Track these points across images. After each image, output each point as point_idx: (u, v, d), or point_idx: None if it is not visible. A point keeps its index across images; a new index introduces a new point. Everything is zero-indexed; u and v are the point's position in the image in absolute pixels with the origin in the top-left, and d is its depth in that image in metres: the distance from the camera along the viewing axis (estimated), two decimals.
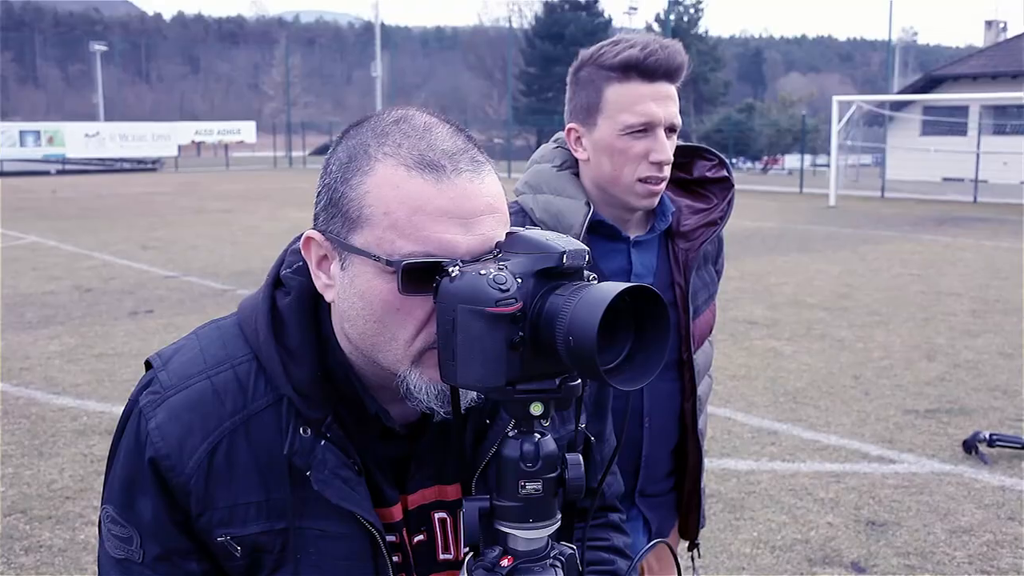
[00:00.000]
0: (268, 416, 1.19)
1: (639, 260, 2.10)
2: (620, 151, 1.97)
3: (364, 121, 1.19)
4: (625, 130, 1.96)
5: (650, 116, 1.95)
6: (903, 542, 4.62)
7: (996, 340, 8.90)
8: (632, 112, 1.95)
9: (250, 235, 17.45)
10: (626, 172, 1.99)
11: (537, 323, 1.02)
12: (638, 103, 1.95)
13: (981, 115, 34.58)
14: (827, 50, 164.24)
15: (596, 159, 2.02)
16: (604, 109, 1.98)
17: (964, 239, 17.69)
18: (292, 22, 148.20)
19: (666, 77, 1.97)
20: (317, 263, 1.19)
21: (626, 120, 1.95)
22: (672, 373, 2.15)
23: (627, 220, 2.09)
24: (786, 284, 12.13)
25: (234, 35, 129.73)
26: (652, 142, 1.96)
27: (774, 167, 50.84)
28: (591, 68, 1.99)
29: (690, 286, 2.11)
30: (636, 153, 1.97)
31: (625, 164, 1.98)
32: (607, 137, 1.98)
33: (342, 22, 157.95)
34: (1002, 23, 49.09)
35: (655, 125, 1.96)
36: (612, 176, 2.01)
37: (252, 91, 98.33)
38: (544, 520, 1.08)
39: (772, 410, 6.70)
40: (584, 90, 2.01)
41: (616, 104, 1.96)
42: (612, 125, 1.97)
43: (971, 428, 6.16)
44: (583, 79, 2.01)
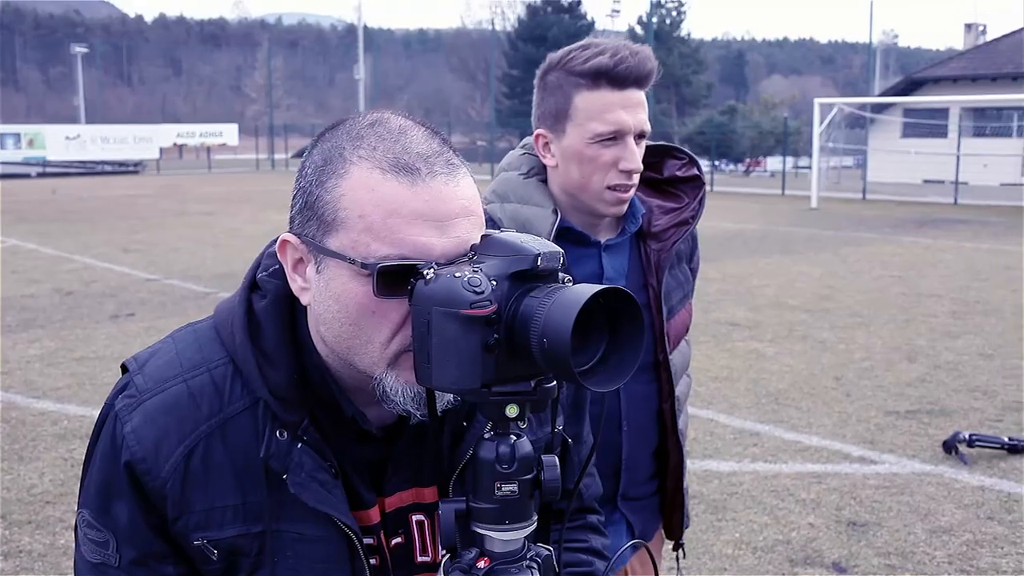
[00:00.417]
0: (244, 419, 1.19)
1: (610, 264, 2.09)
2: (589, 159, 1.96)
3: (339, 124, 1.20)
4: (595, 138, 1.94)
5: (620, 124, 1.94)
6: (884, 542, 4.64)
7: (976, 341, 8.96)
8: (602, 120, 1.93)
9: (232, 238, 17.41)
10: (595, 180, 1.98)
11: (512, 325, 1.03)
12: (608, 111, 1.93)
13: (961, 117, 34.79)
14: (809, 53, 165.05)
15: (565, 166, 2.01)
16: (573, 116, 1.96)
17: (944, 241, 17.80)
18: (274, 24, 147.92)
19: (636, 84, 1.95)
20: (293, 266, 1.19)
21: (596, 128, 1.94)
22: (649, 375, 2.14)
23: (596, 225, 2.08)
24: (768, 286, 12.18)
25: (216, 37, 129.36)
26: (622, 150, 1.95)
27: (756, 169, 51.01)
28: (560, 73, 1.97)
29: (663, 287, 2.10)
30: (605, 161, 1.96)
31: (594, 172, 1.97)
32: (576, 145, 1.97)
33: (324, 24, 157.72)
34: (981, 26, 49.49)
35: (625, 133, 1.95)
36: (581, 183, 1.99)
37: (234, 93, 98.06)
38: (520, 521, 1.09)
39: (754, 411, 6.72)
40: (553, 96, 1.99)
41: (586, 112, 1.95)
42: (581, 133, 1.95)
43: (951, 429, 6.20)
44: (551, 84, 1.99)
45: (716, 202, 26.91)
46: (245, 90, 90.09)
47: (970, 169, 30.63)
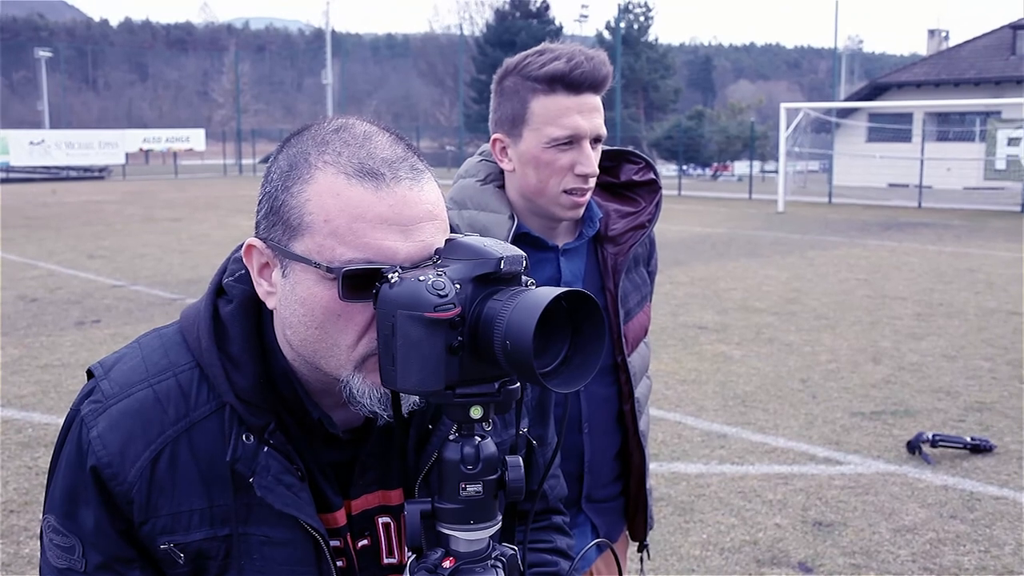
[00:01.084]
0: (211, 424, 1.20)
1: (568, 268, 2.11)
2: (546, 164, 1.98)
3: (305, 130, 1.21)
4: (551, 143, 1.96)
5: (576, 129, 1.95)
6: (849, 542, 4.70)
7: (940, 343, 9.07)
8: (558, 125, 1.95)
9: (199, 243, 17.30)
10: (551, 184, 1.99)
11: (475, 328, 1.04)
12: (564, 116, 1.95)
13: (925, 122, 35.15)
14: (775, 58, 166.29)
15: (522, 170, 2.02)
16: (530, 121, 1.98)
17: (909, 244, 18.00)
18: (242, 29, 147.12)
19: (591, 89, 1.97)
20: (258, 270, 1.20)
21: (552, 133, 1.96)
22: (608, 377, 2.16)
23: (554, 229, 2.10)
24: (735, 289, 12.26)
25: (183, 42, 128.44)
26: (578, 154, 1.97)
27: (724, 174, 51.31)
28: (516, 78, 1.99)
29: (620, 290, 2.12)
30: (562, 166, 1.97)
31: (551, 176, 1.99)
32: (532, 149, 1.98)
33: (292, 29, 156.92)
34: (944, 32, 50.05)
35: (581, 138, 1.96)
36: (537, 188, 2.01)
37: (201, 98, 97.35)
38: (485, 521, 1.10)
39: (722, 414, 6.77)
40: (509, 101, 2.00)
41: (542, 117, 1.96)
42: (538, 138, 1.97)
43: (915, 429, 6.28)
44: (508, 89, 2.01)
45: (684, 206, 27.06)
46: (212, 95, 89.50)
47: (934, 173, 30.98)
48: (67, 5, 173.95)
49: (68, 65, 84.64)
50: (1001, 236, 19.49)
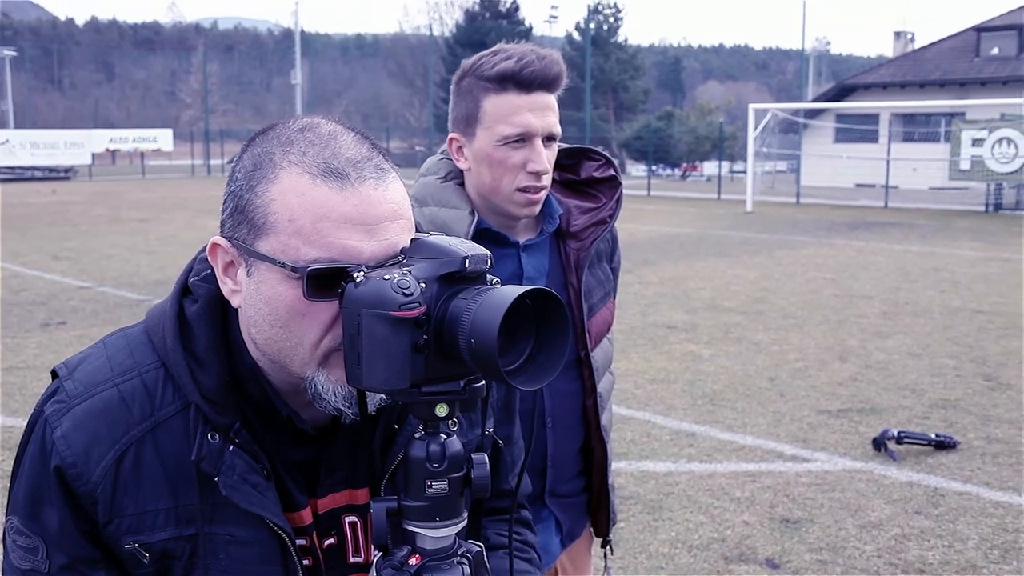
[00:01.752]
0: (176, 423, 1.20)
1: (530, 263, 2.13)
2: (498, 161, 2.00)
3: (270, 129, 1.21)
4: (502, 141, 1.98)
5: (526, 127, 1.98)
6: (816, 538, 4.74)
7: (906, 341, 9.17)
8: (509, 123, 1.97)
9: (167, 244, 17.18)
10: (505, 182, 2.01)
11: (441, 326, 1.05)
12: (514, 114, 1.97)
13: (891, 123, 35.55)
14: (744, 59, 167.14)
15: (476, 168, 2.05)
16: (482, 120, 2.00)
17: (876, 243, 18.17)
18: (210, 29, 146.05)
19: (543, 87, 1.99)
20: (223, 269, 1.20)
21: (503, 131, 1.98)
22: (572, 372, 2.18)
23: (514, 226, 2.12)
24: (704, 289, 12.33)
25: (150, 41, 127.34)
26: (530, 152, 1.99)
27: (693, 174, 51.56)
28: (471, 79, 2.02)
29: (583, 285, 2.14)
30: (514, 163, 1.99)
31: (504, 174, 2.01)
32: (485, 147, 2.01)
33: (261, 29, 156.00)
34: (910, 34, 50.55)
35: (532, 135, 1.98)
36: (492, 186, 2.03)
37: (169, 98, 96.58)
38: (451, 519, 1.11)
39: (690, 412, 6.81)
40: (464, 100, 2.03)
41: (493, 115, 1.99)
42: (490, 136, 1.99)
43: (881, 426, 6.34)
44: (463, 89, 2.03)
45: (653, 206, 27.18)
46: (180, 95, 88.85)
47: (900, 173, 31.31)
48: (32, 4, 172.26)
49: (33, 64, 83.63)
50: (966, 236, 19.72)
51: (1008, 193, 27.36)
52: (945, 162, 27.35)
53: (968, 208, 27.21)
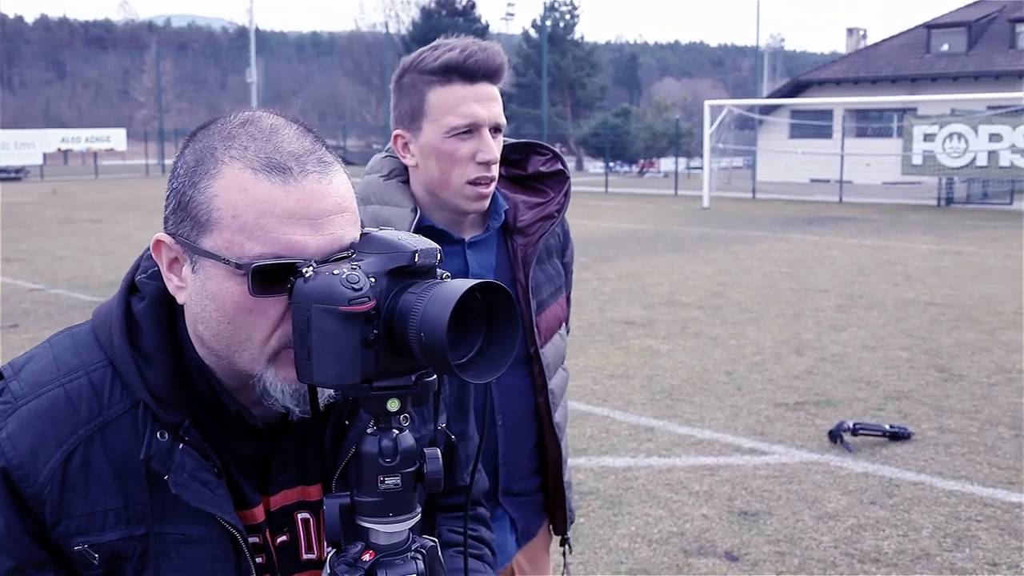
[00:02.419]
0: (125, 422, 1.18)
1: (475, 260, 2.11)
2: (447, 154, 1.99)
3: (211, 123, 1.20)
4: (450, 132, 1.97)
5: (474, 117, 1.97)
6: (773, 530, 4.79)
7: (860, 334, 9.28)
8: (456, 114, 1.97)
9: (121, 245, 16.97)
10: (455, 175, 2.00)
11: (391, 321, 1.05)
12: (461, 105, 1.97)
13: (844, 118, 35.86)
14: (699, 56, 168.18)
15: (424, 163, 2.03)
16: (428, 113, 1.99)
17: (831, 238, 18.37)
18: (163, 26, 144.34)
19: (487, 78, 1.99)
20: (168, 266, 1.19)
21: (451, 122, 1.97)
22: (522, 369, 2.17)
23: (460, 223, 2.10)
24: (662, 284, 12.40)
25: (102, 40, 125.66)
26: (478, 143, 1.98)
27: (650, 170, 51.78)
28: (413, 74, 2.01)
29: (531, 281, 2.13)
30: (463, 155, 1.99)
31: (453, 167, 2.00)
32: (433, 140, 1.99)
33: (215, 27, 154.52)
34: (862, 30, 51.16)
35: (479, 125, 1.98)
36: (441, 180, 2.02)
37: (122, 97, 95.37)
38: (404, 514, 1.11)
39: (649, 407, 6.85)
40: (407, 96, 2.02)
41: (439, 107, 1.98)
42: (437, 128, 1.98)
43: (837, 419, 6.42)
44: (406, 85, 2.02)
45: (611, 203, 27.28)
46: (133, 94, 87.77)
47: (854, 168, 31.67)
48: None
49: None
50: (918, 229, 20.00)
51: (959, 187, 27.77)
52: (898, 157, 27.70)
53: (920, 202, 27.59)
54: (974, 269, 13.79)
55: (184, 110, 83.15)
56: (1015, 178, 25.37)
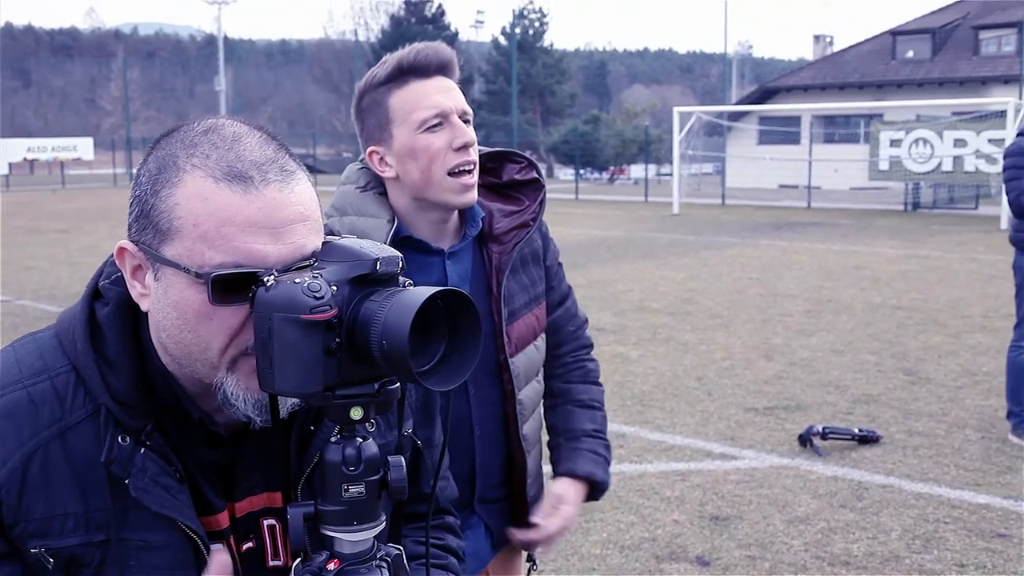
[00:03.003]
0: (86, 427, 1.18)
1: (454, 271, 2.11)
2: (423, 149, 1.98)
3: (175, 131, 1.20)
4: (420, 127, 1.97)
5: (439, 106, 1.97)
6: (744, 534, 4.81)
7: (829, 338, 9.35)
8: (421, 108, 1.97)
9: (88, 255, 16.81)
10: (435, 169, 1.99)
11: (353, 329, 1.05)
12: (423, 99, 1.97)
13: (812, 125, 36.24)
14: (668, 63, 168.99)
15: (403, 168, 2.02)
16: (394, 118, 1.99)
17: (799, 243, 18.50)
18: (130, 34, 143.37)
19: (440, 71, 2.00)
20: (131, 273, 1.19)
21: (419, 117, 1.97)
22: (495, 379, 2.17)
23: (441, 232, 2.10)
24: (632, 291, 12.44)
25: (68, 48, 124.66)
26: (451, 130, 1.99)
27: (620, 177, 51.97)
28: (370, 93, 2.01)
29: (504, 289, 2.13)
30: (439, 146, 1.98)
31: (432, 161, 1.99)
32: (406, 141, 1.99)
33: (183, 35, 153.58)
34: (829, 37, 51.65)
35: (447, 113, 1.98)
36: (423, 179, 2.01)
37: (89, 106, 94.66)
38: (369, 522, 1.11)
39: (620, 414, 6.86)
40: (370, 114, 2.02)
41: (403, 108, 1.98)
42: (407, 128, 1.98)
43: (806, 423, 6.45)
44: (366, 106, 2.03)
45: (581, 210, 27.35)
46: (100, 103, 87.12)
47: (822, 174, 31.95)
48: None
49: None
50: (886, 234, 20.19)
51: (925, 192, 28.06)
52: (865, 162, 27.94)
53: (887, 207, 27.86)
54: (940, 273, 13.94)
55: (152, 119, 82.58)
56: (980, 183, 25.68)
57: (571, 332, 2.37)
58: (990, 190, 26.57)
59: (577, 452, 2.27)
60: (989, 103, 26.77)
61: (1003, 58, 39.16)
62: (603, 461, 2.30)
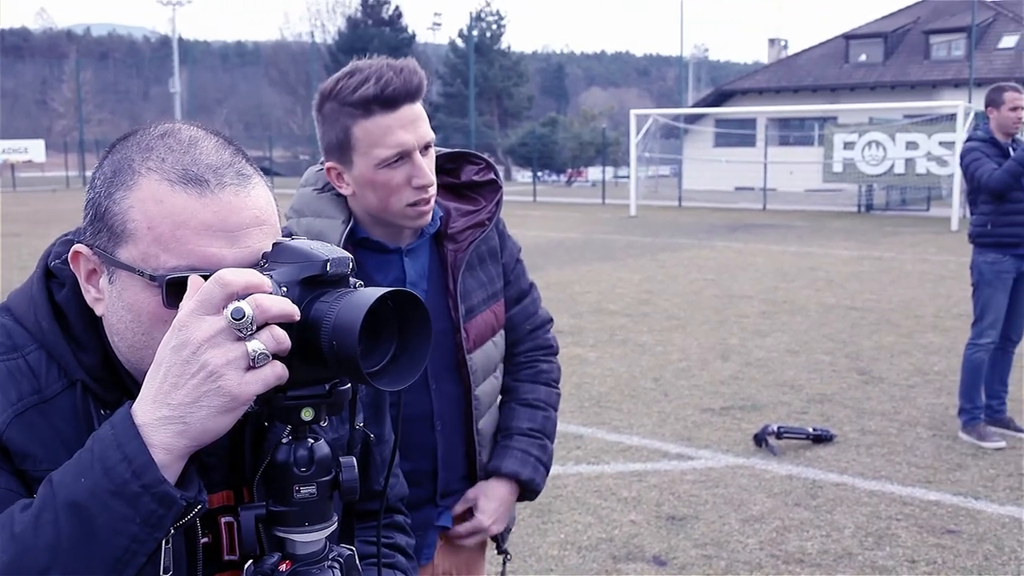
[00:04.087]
0: (63, 402, 1.18)
1: (412, 268, 2.13)
2: (382, 184, 1.98)
3: (131, 135, 1.20)
4: (381, 164, 1.96)
5: (402, 145, 1.96)
6: (701, 533, 4.84)
7: (784, 339, 9.45)
8: (383, 146, 1.95)
9: None
10: (393, 202, 2.00)
11: (303, 330, 1.05)
12: (387, 135, 1.95)
13: (767, 127, 36.54)
14: (625, 65, 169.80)
15: (361, 192, 2.03)
16: (356, 147, 1.98)
17: (755, 245, 18.67)
18: (82, 35, 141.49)
19: (408, 100, 1.97)
20: (86, 277, 1.19)
21: (380, 154, 1.96)
22: (454, 375, 2.19)
23: (398, 234, 2.12)
24: (589, 292, 12.49)
25: (19, 48, 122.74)
26: (411, 169, 1.98)
27: (578, 179, 52.15)
28: (333, 104, 1.98)
29: (460, 287, 2.15)
30: (398, 183, 1.98)
31: (390, 195, 2.00)
32: (366, 173, 1.98)
33: (137, 36, 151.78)
34: (783, 41, 52.18)
35: (409, 151, 1.97)
36: (380, 207, 2.02)
37: (40, 108, 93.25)
38: (320, 523, 1.11)
39: (578, 415, 6.88)
40: (331, 127, 2.00)
41: (366, 140, 1.96)
42: (367, 161, 1.97)
43: (761, 422, 6.51)
44: (327, 115, 2.00)
45: (539, 212, 27.40)
46: (52, 104, 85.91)
47: (777, 176, 32.27)
48: None
49: None
50: (840, 235, 20.43)
51: (879, 194, 28.46)
52: (819, 165, 28.27)
53: (842, 209, 28.21)
54: (893, 274, 14.13)
55: (105, 120, 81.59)
56: (931, 185, 26.08)
57: (528, 331, 2.39)
58: (941, 192, 26.97)
59: (507, 450, 2.29)
60: (940, 106, 27.24)
61: (953, 62, 39.80)
62: (533, 461, 2.31)
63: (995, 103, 6.15)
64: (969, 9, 37.06)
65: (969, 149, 6.18)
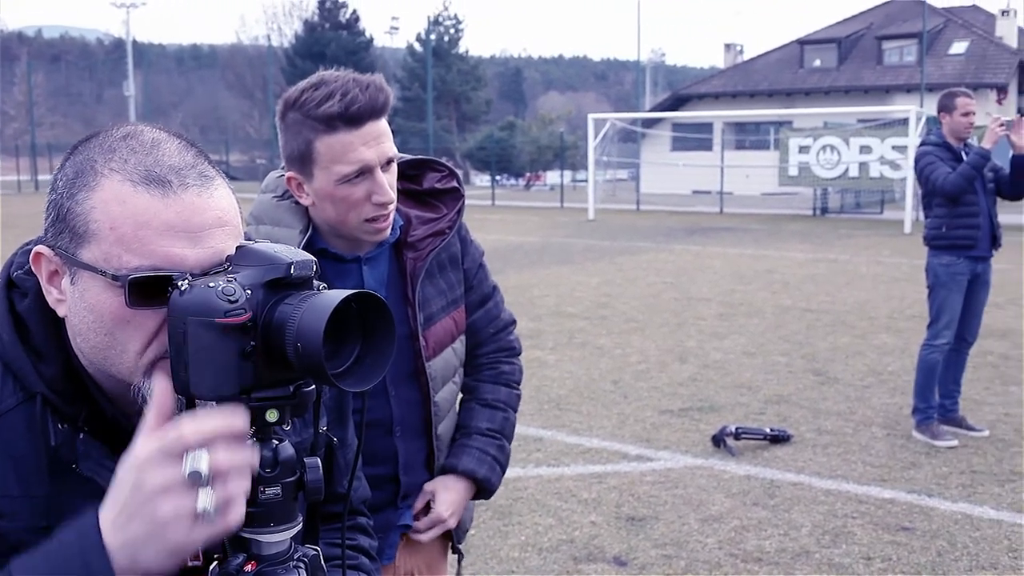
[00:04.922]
0: (17, 416, 1.17)
1: (371, 276, 2.13)
2: (342, 199, 1.98)
3: (93, 137, 1.20)
4: (341, 179, 1.96)
5: (363, 162, 1.95)
6: (660, 534, 4.88)
7: (741, 340, 9.54)
8: (345, 162, 1.95)
9: None
10: (351, 217, 2.00)
11: (267, 332, 1.06)
12: (349, 151, 1.94)
13: (724, 131, 36.86)
14: (583, 70, 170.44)
15: (320, 205, 2.02)
16: (317, 161, 1.97)
17: (712, 247, 18.82)
18: (34, 37, 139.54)
19: (372, 117, 1.96)
20: (48, 278, 1.19)
21: (341, 171, 1.95)
22: (413, 381, 2.20)
23: (357, 245, 2.12)
24: (548, 296, 12.53)
25: None
26: (371, 184, 1.97)
27: (537, 183, 52.25)
28: (296, 114, 1.97)
29: (419, 294, 2.16)
30: (358, 198, 1.98)
31: (349, 210, 2.00)
32: (326, 187, 1.98)
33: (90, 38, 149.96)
34: (739, 46, 52.53)
35: (370, 168, 1.96)
36: (338, 220, 2.02)
37: None
38: (285, 523, 1.11)
39: (537, 418, 6.91)
40: (294, 138, 1.99)
41: (327, 156, 1.95)
42: (328, 176, 1.97)
43: (720, 423, 6.58)
44: (290, 124, 1.99)
45: (498, 216, 27.42)
46: (3, 107, 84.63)
47: (734, 180, 32.55)
48: None
49: None
50: (796, 238, 20.65)
51: (833, 197, 28.81)
52: (775, 169, 28.54)
53: (797, 212, 28.52)
54: (848, 276, 14.31)
55: (58, 124, 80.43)
56: (884, 188, 26.42)
57: (491, 334, 2.40)
58: (894, 195, 27.34)
59: (464, 449, 2.31)
60: (893, 111, 27.62)
61: (905, 67, 40.39)
62: (490, 460, 2.33)
63: (948, 108, 6.26)
64: (920, 15, 37.64)
65: (923, 153, 6.29)
